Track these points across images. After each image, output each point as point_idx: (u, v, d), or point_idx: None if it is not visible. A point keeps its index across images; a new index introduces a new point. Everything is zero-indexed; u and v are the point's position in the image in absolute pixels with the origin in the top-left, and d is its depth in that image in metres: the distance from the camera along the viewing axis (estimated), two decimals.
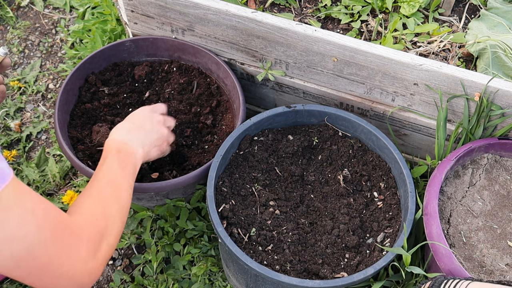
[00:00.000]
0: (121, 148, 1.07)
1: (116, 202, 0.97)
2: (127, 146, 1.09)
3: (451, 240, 1.11)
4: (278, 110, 1.30)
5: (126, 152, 1.07)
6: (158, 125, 1.19)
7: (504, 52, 1.31)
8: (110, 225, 0.93)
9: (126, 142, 1.09)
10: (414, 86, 1.25)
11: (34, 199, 0.79)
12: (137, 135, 1.13)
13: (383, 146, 1.27)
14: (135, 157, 1.08)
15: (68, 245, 0.82)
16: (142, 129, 1.15)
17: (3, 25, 2.06)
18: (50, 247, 0.79)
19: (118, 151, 1.05)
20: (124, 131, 1.12)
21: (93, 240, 0.88)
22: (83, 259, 0.84)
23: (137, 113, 1.19)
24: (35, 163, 1.66)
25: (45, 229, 0.78)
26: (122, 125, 1.15)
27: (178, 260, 1.45)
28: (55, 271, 0.81)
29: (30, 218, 0.76)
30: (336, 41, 1.24)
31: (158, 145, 1.18)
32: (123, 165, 1.04)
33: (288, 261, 1.14)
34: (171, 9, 1.37)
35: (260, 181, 1.27)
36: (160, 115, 1.22)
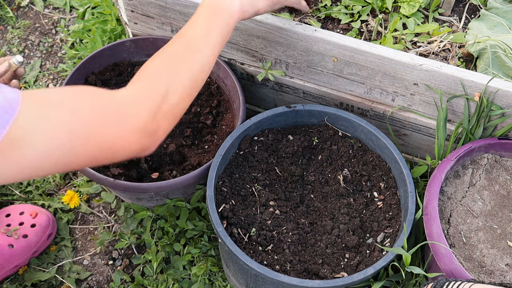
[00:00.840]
0: (216, 2, 0.92)
1: (188, 64, 0.85)
2: (224, 1, 0.93)
3: (451, 240, 1.11)
4: (278, 110, 1.30)
5: (217, 7, 0.92)
6: None
7: (504, 52, 1.31)
8: (174, 92, 0.82)
9: None
10: (414, 86, 1.25)
11: (59, 92, 0.72)
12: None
13: (383, 146, 1.27)
14: (228, 14, 0.93)
15: (110, 115, 0.75)
16: None
17: (3, 25, 2.06)
18: (91, 122, 0.73)
19: (208, 6, 0.91)
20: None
21: (148, 106, 0.78)
22: (134, 125, 0.77)
23: None
24: None
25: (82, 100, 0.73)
26: None
27: (178, 260, 1.45)
28: (107, 142, 0.75)
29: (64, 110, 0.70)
30: (336, 41, 1.24)
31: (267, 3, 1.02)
32: (211, 23, 0.90)
33: (288, 261, 1.14)
34: (171, 9, 1.37)
35: (260, 181, 1.27)
36: None
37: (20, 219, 1.45)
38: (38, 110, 0.69)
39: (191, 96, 0.86)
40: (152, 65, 0.84)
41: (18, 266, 1.44)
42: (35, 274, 1.45)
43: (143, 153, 0.81)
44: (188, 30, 0.88)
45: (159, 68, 0.83)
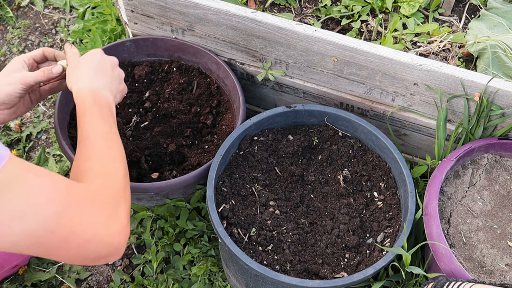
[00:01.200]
0: (96, 98, 1.01)
1: (113, 155, 0.94)
2: (100, 95, 1.03)
3: (451, 240, 1.11)
4: (278, 110, 1.30)
5: (101, 101, 1.02)
6: (115, 68, 1.12)
7: (504, 52, 1.31)
8: (118, 180, 0.90)
9: (95, 91, 1.02)
10: (414, 86, 1.25)
11: (39, 174, 0.75)
12: (102, 80, 1.06)
13: (383, 146, 1.27)
14: (110, 104, 1.04)
15: (85, 213, 0.79)
16: (103, 74, 1.07)
17: (3, 25, 2.06)
18: (66, 219, 0.76)
19: (94, 103, 1.00)
20: (88, 78, 1.04)
21: (108, 201, 0.85)
22: (104, 222, 0.82)
23: (91, 56, 1.09)
24: (35, 163, 1.65)
25: (57, 202, 0.75)
26: (82, 70, 1.06)
27: (178, 260, 1.45)
28: (79, 241, 0.78)
29: (37, 193, 0.73)
30: (336, 41, 1.24)
31: (121, 90, 1.12)
32: (104, 116, 0.99)
33: (288, 261, 1.14)
34: (171, 9, 1.37)
35: (260, 181, 1.27)
36: (111, 57, 1.14)
37: None
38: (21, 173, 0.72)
39: (127, 176, 0.96)
40: (92, 169, 0.91)
41: (18, 266, 1.44)
42: (35, 274, 1.45)
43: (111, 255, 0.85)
44: (94, 130, 0.97)
45: (102, 169, 0.91)
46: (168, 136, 1.42)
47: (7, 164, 0.70)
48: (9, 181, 0.70)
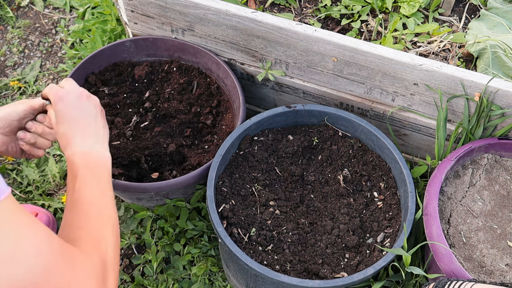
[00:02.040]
0: (87, 162, 0.98)
1: (105, 222, 0.91)
2: (91, 155, 0.99)
3: (451, 240, 1.11)
4: (278, 110, 1.30)
5: (94, 163, 0.98)
6: (98, 109, 1.07)
7: (504, 52, 1.31)
8: (110, 250, 0.88)
9: (86, 152, 0.99)
10: (414, 86, 1.25)
11: (35, 221, 0.72)
12: (90, 134, 1.02)
13: (383, 146, 1.27)
14: (104, 162, 1.00)
15: (76, 275, 0.75)
16: (91, 126, 1.03)
17: (3, 25, 2.06)
18: (55, 275, 0.71)
19: (85, 166, 0.96)
20: (77, 139, 1.00)
21: (101, 271, 0.82)
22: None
23: (73, 107, 1.03)
24: (35, 163, 1.66)
25: (48, 254, 0.71)
26: (68, 130, 1.01)
27: (178, 260, 1.45)
28: None
29: (30, 238, 0.69)
30: (336, 41, 1.24)
31: (104, 119, 1.08)
32: (97, 178, 0.96)
33: (288, 261, 1.14)
34: (171, 9, 1.37)
35: (260, 181, 1.27)
36: (90, 95, 1.08)
37: None
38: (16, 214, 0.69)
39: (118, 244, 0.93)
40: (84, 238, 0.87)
41: None
42: None
43: None
44: (85, 196, 0.93)
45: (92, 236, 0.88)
46: (168, 136, 1.42)
47: (4, 201, 0.67)
48: (3, 220, 0.67)
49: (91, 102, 1.06)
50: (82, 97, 1.05)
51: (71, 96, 1.04)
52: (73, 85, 1.06)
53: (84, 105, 1.04)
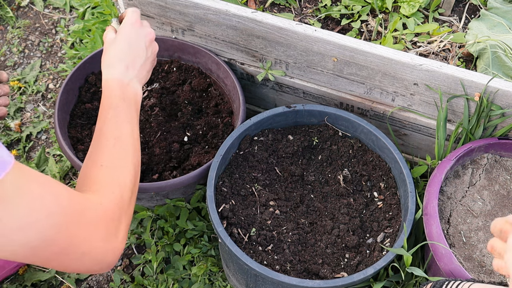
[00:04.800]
0: (125, 93, 0.99)
1: (127, 164, 0.92)
2: (129, 88, 1.01)
3: (451, 240, 1.11)
4: (278, 110, 1.30)
5: (130, 96, 1.00)
6: (149, 47, 1.08)
7: (504, 52, 1.31)
8: (126, 193, 0.88)
9: (128, 83, 1.01)
10: (414, 86, 1.25)
11: (42, 184, 0.74)
12: (135, 67, 1.04)
13: (383, 146, 1.27)
14: (138, 99, 1.02)
15: (86, 226, 0.78)
16: (137, 58, 1.04)
17: (3, 25, 2.06)
18: (66, 231, 0.75)
19: (122, 99, 0.98)
20: (120, 67, 1.02)
21: (112, 216, 0.83)
22: (103, 238, 0.80)
23: (128, 34, 1.05)
24: (35, 163, 1.66)
25: (58, 214, 0.74)
26: (116, 54, 1.03)
27: (178, 260, 1.45)
28: (76, 253, 0.77)
29: (39, 205, 0.72)
30: (336, 41, 1.24)
31: (151, 68, 1.10)
32: (130, 115, 0.97)
33: (288, 261, 1.15)
34: (171, 9, 1.37)
35: (260, 181, 1.27)
36: (149, 27, 1.10)
37: None
38: (24, 183, 0.71)
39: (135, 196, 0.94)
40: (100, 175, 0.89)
41: (18, 266, 1.44)
42: (35, 274, 1.45)
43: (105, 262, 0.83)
44: (114, 129, 0.94)
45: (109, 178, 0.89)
46: (168, 136, 1.42)
47: (10, 172, 0.69)
48: (11, 190, 0.69)
49: (146, 35, 1.07)
50: (138, 26, 1.06)
51: (135, 24, 1.06)
52: (135, 15, 1.08)
53: (139, 34, 1.06)
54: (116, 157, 0.91)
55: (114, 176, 0.89)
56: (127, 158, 0.93)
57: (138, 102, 1.02)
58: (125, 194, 0.88)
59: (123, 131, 0.95)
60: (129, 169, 0.92)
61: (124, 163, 0.92)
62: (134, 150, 0.95)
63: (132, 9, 1.10)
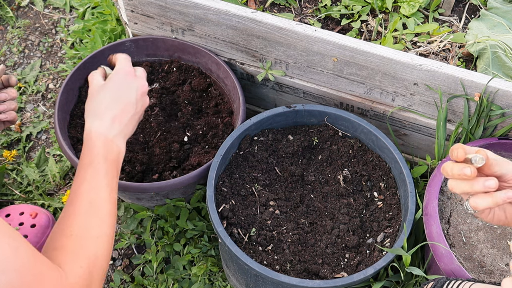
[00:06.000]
0: (108, 151, 0.91)
1: (100, 233, 0.84)
2: (113, 146, 0.93)
3: (451, 240, 1.11)
4: (278, 110, 1.30)
5: (113, 157, 0.92)
6: (142, 99, 1.01)
7: (504, 52, 1.31)
8: (96, 268, 0.80)
9: (112, 139, 0.93)
10: (414, 86, 1.25)
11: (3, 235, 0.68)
12: (123, 123, 0.96)
13: (383, 146, 1.27)
14: (120, 157, 0.95)
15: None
16: (127, 112, 0.97)
17: (3, 25, 2.06)
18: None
19: (104, 158, 0.90)
20: (109, 119, 0.94)
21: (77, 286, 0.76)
22: None
23: (118, 84, 0.98)
24: (35, 163, 1.66)
25: (12, 270, 0.66)
26: (103, 104, 0.95)
27: (178, 260, 1.45)
28: None
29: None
30: (336, 41, 1.24)
31: (137, 123, 1.03)
32: (109, 176, 0.90)
33: (288, 261, 1.15)
34: (171, 9, 1.37)
35: (260, 181, 1.27)
36: (143, 79, 1.03)
37: (20, 220, 1.45)
38: None
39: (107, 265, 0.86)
40: (68, 246, 0.81)
41: None
42: None
43: None
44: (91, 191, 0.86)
45: (76, 251, 0.81)
46: (168, 136, 1.42)
47: None
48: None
49: (138, 87, 1.01)
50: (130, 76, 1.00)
51: (128, 74, 1.00)
52: (128, 63, 1.03)
53: (131, 85, 1.00)
54: (88, 225, 0.83)
55: (84, 248, 0.81)
56: (100, 226, 0.85)
57: (120, 160, 0.95)
58: (95, 269, 0.80)
59: (100, 194, 0.87)
60: (102, 240, 0.84)
61: (96, 232, 0.84)
62: (109, 217, 0.87)
63: (124, 56, 1.04)
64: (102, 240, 0.84)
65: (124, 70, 1.01)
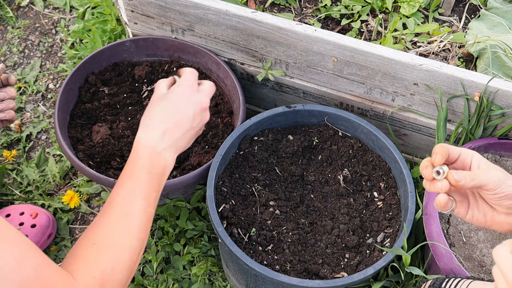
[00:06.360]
0: (153, 164, 0.89)
1: (124, 247, 0.80)
2: (159, 159, 0.90)
3: (451, 239, 1.11)
4: (278, 110, 1.30)
5: (158, 171, 0.89)
6: (201, 114, 0.98)
7: (504, 52, 1.31)
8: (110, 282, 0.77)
9: (159, 152, 0.90)
10: (414, 86, 1.25)
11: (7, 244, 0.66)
12: (174, 137, 0.93)
13: (383, 146, 1.27)
14: (166, 172, 0.92)
15: None
16: (181, 127, 0.94)
17: (3, 25, 2.06)
18: None
19: (148, 171, 0.88)
20: (159, 132, 0.91)
21: None
22: None
23: (177, 99, 0.96)
24: (35, 163, 1.65)
25: (15, 283, 0.65)
26: (158, 117, 0.93)
27: (178, 260, 1.45)
28: None
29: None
30: (336, 41, 1.24)
31: (195, 138, 1.00)
32: (149, 189, 0.87)
33: (288, 261, 1.15)
34: (171, 9, 1.37)
35: (260, 181, 1.27)
36: (205, 95, 1.00)
37: (20, 220, 1.45)
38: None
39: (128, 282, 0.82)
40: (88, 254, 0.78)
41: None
42: None
43: None
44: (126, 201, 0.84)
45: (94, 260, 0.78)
46: None
47: None
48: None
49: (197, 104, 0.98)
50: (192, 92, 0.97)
51: (190, 88, 0.98)
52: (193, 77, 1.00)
53: (190, 102, 0.97)
54: (114, 236, 0.81)
55: (101, 258, 0.78)
56: (127, 239, 0.82)
57: (165, 175, 0.92)
58: (108, 282, 0.76)
59: (135, 207, 0.84)
60: (125, 253, 0.80)
61: (121, 244, 0.80)
62: (140, 232, 0.83)
63: (191, 70, 1.02)
64: (125, 254, 0.80)
65: (187, 83, 0.99)
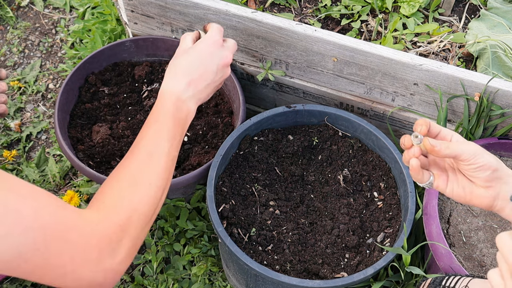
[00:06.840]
0: (177, 110, 0.93)
1: (149, 183, 0.83)
2: (183, 106, 0.95)
3: (451, 239, 1.11)
4: (278, 110, 1.30)
5: (181, 117, 0.94)
6: (223, 70, 1.03)
7: (504, 52, 1.31)
8: (136, 216, 0.80)
9: (184, 100, 0.95)
10: (414, 86, 1.25)
11: (21, 196, 0.68)
12: (198, 88, 0.98)
13: (383, 146, 1.27)
14: (188, 119, 0.96)
15: (71, 246, 0.71)
16: (205, 79, 0.99)
17: (3, 25, 2.06)
18: (44, 249, 0.68)
19: (172, 116, 0.92)
20: (184, 82, 0.96)
21: (110, 238, 0.76)
22: (93, 258, 0.74)
23: (201, 50, 1.00)
24: (35, 163, 1.65)
25: (35, 229, 0.68)
26: (183, 67, 0.97)
27: (178, 260, 1.45)
28: (56, 273, 0.71)
29: (12, 218, 0.66)
30: (336, 41, 1.24)
31: (213, 92, 1.04)
32: (173, 133, 0.91)
33: (288, 261, 1.15)
34: (171, 9, 1.37)
35: (260, 181, 1.27)
36: (229, 51, 1.04)
37: None
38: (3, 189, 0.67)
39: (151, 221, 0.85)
40: (113, 191, 0.81)
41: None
42: None
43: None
44: (151, 142, 0.88)
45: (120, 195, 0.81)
46: None
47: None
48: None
49: (221, 59, 1.02)
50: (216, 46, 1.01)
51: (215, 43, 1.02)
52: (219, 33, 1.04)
53: (214, 55, 1.01)
54: (140, 172, 0.84)
55: (126, 195, 0.81)
56: (151, 177, 0.85)
57: (187, 122, 0.97)
58: (134, 216, 0.80)
59: (160, 147, 0.88)
60: (149, 191, 0.84)
61: (145, 181, 0.84)
62: (165, 171, 0.88)
63: (217, 26, 1.05)
64: (150, 190, 0.83)
65: (212, 38, 1.02)
